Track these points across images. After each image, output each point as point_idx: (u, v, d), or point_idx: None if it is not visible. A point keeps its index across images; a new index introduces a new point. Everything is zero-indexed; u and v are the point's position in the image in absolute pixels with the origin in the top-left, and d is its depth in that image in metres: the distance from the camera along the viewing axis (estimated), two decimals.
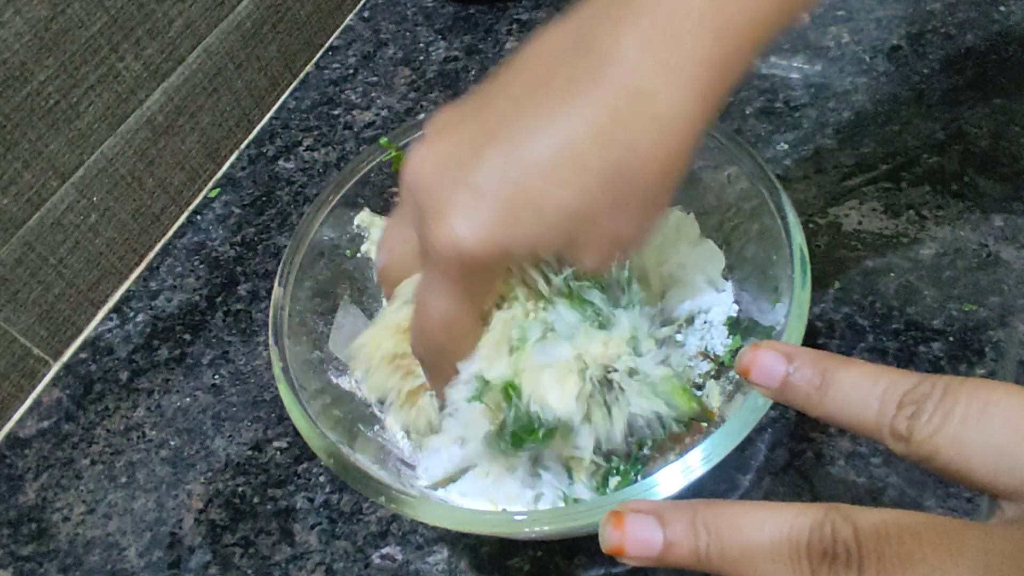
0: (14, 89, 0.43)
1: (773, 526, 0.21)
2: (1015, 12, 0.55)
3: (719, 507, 0.22)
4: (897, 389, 0.22)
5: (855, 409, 0.23)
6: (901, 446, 0.22)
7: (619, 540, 0.22)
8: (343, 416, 0.36)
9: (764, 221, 0.36)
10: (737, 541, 0.21)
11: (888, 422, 0.22)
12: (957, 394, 0.21)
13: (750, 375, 0.25)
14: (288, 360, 0.34)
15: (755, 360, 0.25)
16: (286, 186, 0.56)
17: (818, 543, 0.20)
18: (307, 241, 0.38)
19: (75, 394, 0.48)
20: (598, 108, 0.27)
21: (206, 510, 0.42)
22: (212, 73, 0.55)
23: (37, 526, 0.43)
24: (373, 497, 0.30)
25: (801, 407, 0.25)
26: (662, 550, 0.22)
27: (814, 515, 0.20)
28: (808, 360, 0.24)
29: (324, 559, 0.39)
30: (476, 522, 0.30)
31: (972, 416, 0.21)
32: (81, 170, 0.48)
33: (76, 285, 0.50)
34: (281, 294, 0.36)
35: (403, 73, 0.62)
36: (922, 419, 0.21)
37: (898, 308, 0.43)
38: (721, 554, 0.21)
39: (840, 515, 0.20)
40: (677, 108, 0.27)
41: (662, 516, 0.22)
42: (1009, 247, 0.44)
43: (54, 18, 0.44)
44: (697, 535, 0.22)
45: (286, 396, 0.33)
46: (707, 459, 0.29)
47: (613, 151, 0.27)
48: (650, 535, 0.22)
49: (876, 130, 0.50)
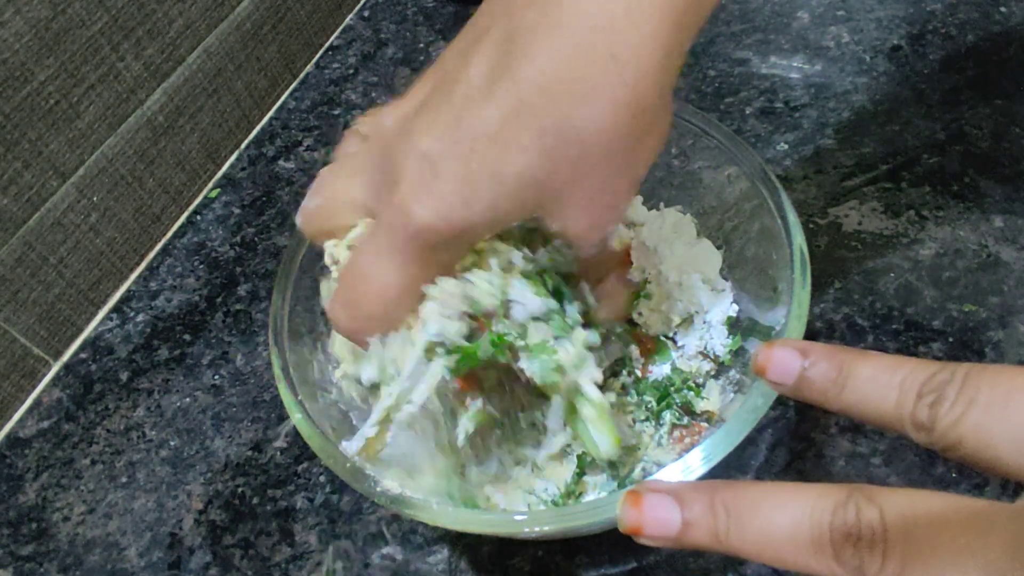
0: (14, 89, 0.43)
1: (794, 507, 0.20)
2: (1015, 12, 0.55)
3: (739, 488, 0.22)
4: (916, 379, 0.22)
5: (874, 402, 0.22)
6: (923, 436, 0.21)
7: (637, 520, 0.22)
8: (343, 416, 0.36)
9: (764, 221, 0.36)
10: (757, 522, 0.21)
11: (909, 412, 0.22)
12: (979, 381, 0.21)
13: (767, 374, 0.25)
14: (288, 360, 0.34)
15: (770, 358, 0.25)
16: (286, 186, 0.56)
17: (841, 525, 0.19)
18: (307, 241, 0.37)
19: (75, 394, 0.48)
20: (549, 57, 0.25)
21: (206, 510, 0.42)
22: (212, 73, 0.55)
23: (37, 526, 0.43)
24: (374, 497, 0.30)
25: (819, 402, 0.24)
26: (680, 530, 0.22)
27: (837, 496, 0.20)
28: (824, 355, 0.24)
29: (324, 559, 0.39)
30: (477, 522, 0.30)
31: (997, 403, 0.20)
32: (81, 170, 0.48)
33: (76, 285, 0.50)
34: (281, 294, 0.36)
35: (403, 73, 0.62)
36: (943, 407, 0.21)
37: (898, 308, 0.43)
38: (740, 535, 0.21)
39: (864, 496, 0.20)
40: (638, 48, 0.25)
41: (681, 496, 0.22)
42: (1009, 248, 0.44)
43: (54, 18, 0.44)
44: (716, 516, 0.21)
45: (286, 396, 0.33)
46: (707, 459, 0.29)
47: (567, 103, 0.25)
48: (668, 515, 0.22)
49: (876, 130, 0.50)
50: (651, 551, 0.36)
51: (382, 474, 0.31)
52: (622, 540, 0.37)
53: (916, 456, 0.38)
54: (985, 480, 0.36)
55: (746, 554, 0.21)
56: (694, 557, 0.36)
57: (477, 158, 0.26)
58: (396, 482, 0.31)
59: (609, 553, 0.37)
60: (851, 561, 0.19)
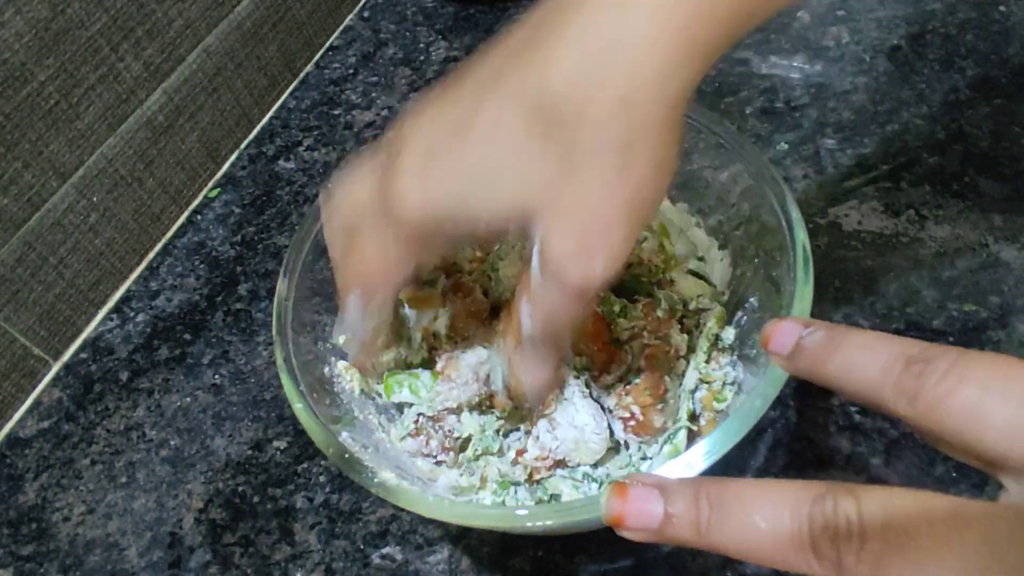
0: (14, 89, 0.43)
1: (775, 502, 0.20)
2: (1015, 12, 0.55)
3: (723, 483, 0.22)
4: (908, 351, 0.22)
5: (860, 368, 0.22)
6: (905, 405, 0.21)
7: (620, 510, 0.22)
8: (344, 408, 0.36)
9: (767, 219, 0.36)
10: (738, 517, 0.21)
11: (894, 379, 0.21)
12: (975, 361, 0.20)
13: (769, 344, 0.25)
14: (290, 351, 0.34)
15: (775, 329, 0.25)
16: (286, 186, 0.56)
17: (820, 517, 0.19)
18: (312, 235, 0.38)
19: (75, 394, 0.48)
20: (563, 59, 0.25)
21: (206, 510, 0.42)
22: (212, 73, 0.55)
23: (37, 526, 0.42)
24: (370, 487, 0.30)
25: (808, 372, 0.24)
26: (662, 523, 0.22)
27: (817, 490, 0.20)
28: (823, 327, 0.24)
29: (324, 559, 0.39)
30: (477, 516, 0.30)
31: (995, 384, 0.20)
32: (81, 170, 0.48)
33: (76, 285, 0.50)
34: (286, 285, 0.36)
35: (403, 73, 0.62)
36: (932, 377, 0.21)
37: (898, 308, 0.43)
38: (721, 530, 0.21)
39: (843, 490, 0.20)
40: (641, 56, 0.24)
41: (665, 489, 0.22)
42: (1009, 247, 0.44)
43: (54, 18, 0.44)
44: (699, 509, 0.21)
45: (288, 385, 0.33)
46: (709, 454, 0.29)
47: (565, 108, 0.25)
48: (651, 507, 0.22)
49: (876, 130, 0.50)
50: (651, 550, 0.36)
51: (380, 466, 0.31)
52: (622, 541, 0.37)
53: (916, 456, 0.38)
54: (984, 479, 0.36)
55: (726, 549, 0.21)
56: (693, 556, 0.36)
57: (473, 153, 0.26)
58: (392, 474, 0.31)
59: (609, 553, 0.37)
60: (829, 554, 0.19)
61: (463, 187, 0.27)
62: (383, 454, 0.35)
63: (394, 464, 0.34)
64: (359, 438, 0.34)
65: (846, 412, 0.39)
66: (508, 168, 0.26)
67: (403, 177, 0.28)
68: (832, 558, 0.19)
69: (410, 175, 0.28)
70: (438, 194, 0.27)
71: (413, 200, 0.28)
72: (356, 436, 0.34)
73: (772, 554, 0.20)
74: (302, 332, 0.36)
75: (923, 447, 0.37)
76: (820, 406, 0.40)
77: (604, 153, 0.25)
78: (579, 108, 0.25)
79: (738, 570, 0.36)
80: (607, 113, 0.25)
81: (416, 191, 0.28)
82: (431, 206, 0.28)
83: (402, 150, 0.28)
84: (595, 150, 0.25)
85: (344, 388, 0.37)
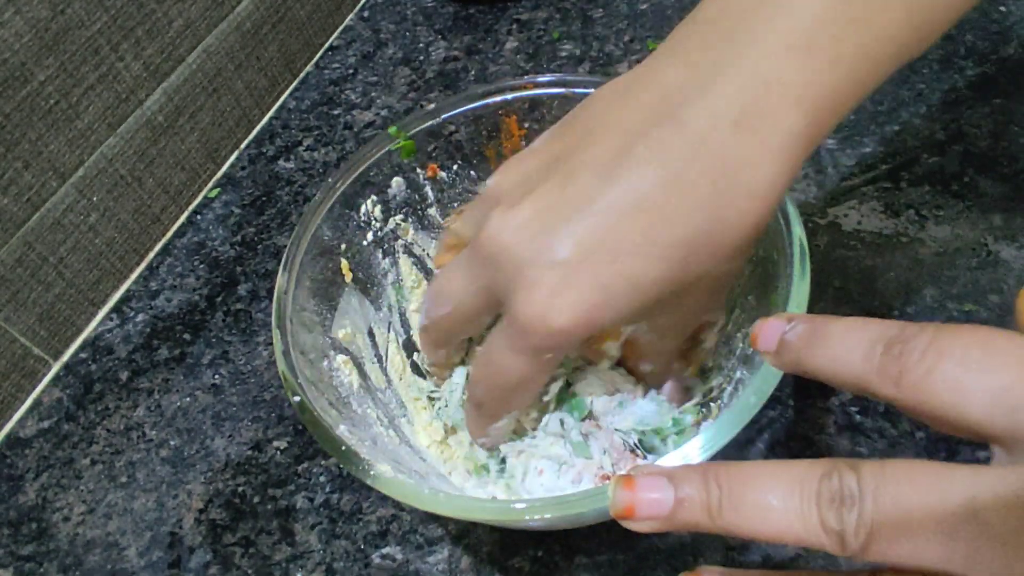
0: (14, 89, 0.43)
1: (787, 479, 0.21)
2: (1015, 12, 0.55)
3: (731, 466, 0.22)
4: (887, 333, 0.22)
5: (843, 357, 0.23)
6: (890, 387, 0.22)
7: (629, 501, 0.22)
8: (343, 401, 0.36)
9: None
10: (751, 496, 0.21)
11: (876, 364, 0.22)
12: (953, 336, 0.21)
13: (758, 343, 0.26)
14: (290, 344, 0.34)
15: (762, 327, 0.26)
16: (286, 186, 0.56)
17: (827, 491, 0.20)
18: (312, 228, 0.38)
19: (75, 394, 0.48)
20: (690, 179, 0.27)
21: (206, 510, 0.42)
22: (212, 73, 0.55)
23: (37, 526, 0.43)
24: (367, 480, 0.30)
25: (792, 365, 0.25)
26: (673, 507, 0.22)
27: (824, 467, 0.21)
28: (804, 319, 0.25)
29: (324, 559, 0.39)
30: (475, 509, 0.30)
31: (974, 357, 0.20)
32: (81, 170, 0.48)
33: (76, 285, 0.50)
34: (286, 279, 0.36)
35: (403, 73, 0.62)
36: (913, 357, 0.21)
37: (898, 308, 0.43)
38: (734, 510, 0.21)
39: (847, 464, 0.21)
40: (768, 179, 0.28)
41: (673, 476, 0.22)
42: (1009, 247, 0.44)
43: (54, 18, 0.44)
44: (709, 491, 0.22)
45: (286, 377, 0.33)
46: (704, 449, 0.29)
47: (705, 223, 0.28)
48: (661, 495, 0.22)
49: (876, 130, 0.50)
50: (650, 549, 0.36)
51: (378, 460, 0.31)
52: (621, 539, 0.37)
53: (915, 456, 0.38)
54: None
55: (740, 529, 0.21)
56: (693, 556, 0.36)
57: (617, 268, 0.28)
58: (389, 467, 0.31)
59: (609, 553, 0.37)
60: (835, 525, 0.20)
61: (611, 297, 0.28)
62: (381, 448, 0.35)
63: (392, 458, 0.34)
64: (357, 432, 0.34)
65: (846, 412, 0.39)
66: (655, 274, 0.29)
67: (548, 295, 0.28)
68: (837, 529, 0.20)
69: (555, 292, 0.28)
70: (592, 308, 0.28)
71: (566, 317, 0.28)
72: (354, 430, 0.34)
73: (785, 531, 0.21)
74: (302, 326, 0.36)
75: (922, 447, 0.37)
76: (819, 406, 0.40)
77: (729, 267, 0.30)
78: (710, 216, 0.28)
79: (736, 561, 0.36)
80: (746, 236, 0.29)
81: (569, 308, 0.28)
82: (585, 320, 0.28)
83: (522, 263, 0.29)
84: (723, 268, 0.30)
85: (343, 382, 0.37)
